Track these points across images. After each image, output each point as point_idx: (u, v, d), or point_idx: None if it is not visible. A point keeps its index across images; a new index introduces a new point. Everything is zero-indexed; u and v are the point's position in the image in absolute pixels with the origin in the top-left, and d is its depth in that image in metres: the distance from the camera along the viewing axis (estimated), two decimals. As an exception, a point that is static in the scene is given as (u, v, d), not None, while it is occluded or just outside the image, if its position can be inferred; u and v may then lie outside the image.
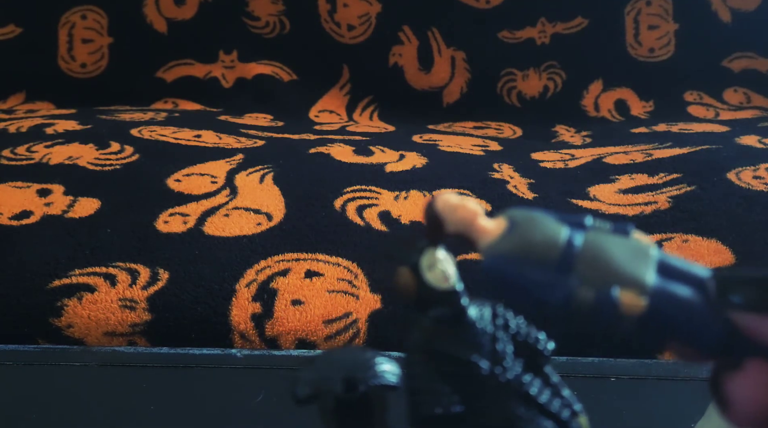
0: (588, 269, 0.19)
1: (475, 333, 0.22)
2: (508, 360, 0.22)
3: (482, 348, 0.22)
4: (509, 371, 0.22)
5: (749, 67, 1.19)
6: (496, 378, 0.22)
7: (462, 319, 0.22)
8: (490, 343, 0.22)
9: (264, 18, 1.18)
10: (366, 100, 1.17)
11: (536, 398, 0.22)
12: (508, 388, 0.22)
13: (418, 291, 0.22)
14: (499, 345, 0.22)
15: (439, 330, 0.22)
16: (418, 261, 0.22)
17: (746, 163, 0.77)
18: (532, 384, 0.22)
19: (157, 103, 1.14)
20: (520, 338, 0.23)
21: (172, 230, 0.61)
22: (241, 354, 0.48)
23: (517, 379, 0.22)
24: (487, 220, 0.21)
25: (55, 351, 0.50)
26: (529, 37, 1.19)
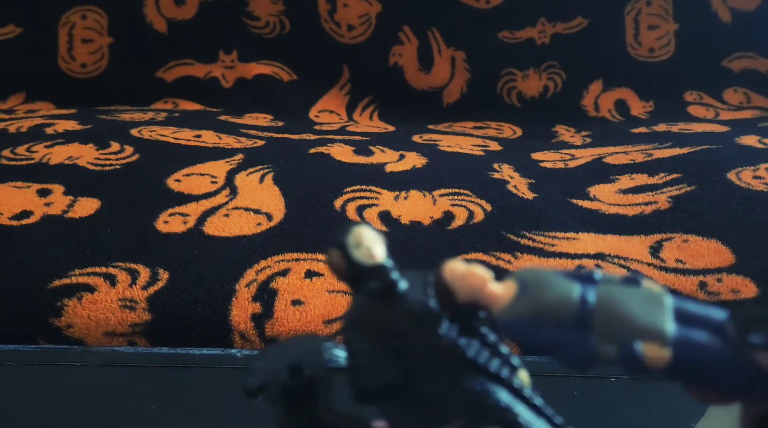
0: (606, 325, 0.19)
1: (408, 304, 0.23)
2: (443, 326, 0.22)
3: (416, 318, 0.22)
4: (446, 337, 0.22)
5: (749, 67, 1.19)
6: (433, 344, 0.22)
7: (393, 292, 0.23)
8: (424, 312, 0.22)
9: (264, 18, 1.18)
10: (366, 100, 1.17)
11: (475, 359, 0.22)
12: (446, 353, 0.22)
13: (348, 270, 0.23)
14: (434, 313, 0.23)
15: (373, 305, 0.23)
16: (345, 241, 0.23)
17: (746, 163, 0.77)
18: (469, 347, 0.22)
19: (157, 103, 1.14)
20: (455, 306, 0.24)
21: (172, 230, 0.61)
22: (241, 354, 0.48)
23: (453, 343, 0.22)
24: (497, 285, 0.21)
25: (55, 351, 0.50)
26: (529, 37, 1.19)
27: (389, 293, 0.23)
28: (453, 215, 0.66)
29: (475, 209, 0.68)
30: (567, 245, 0.61)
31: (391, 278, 0.23)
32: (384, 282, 0.23)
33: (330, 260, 0.23)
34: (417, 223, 0.65)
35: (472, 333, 0.23)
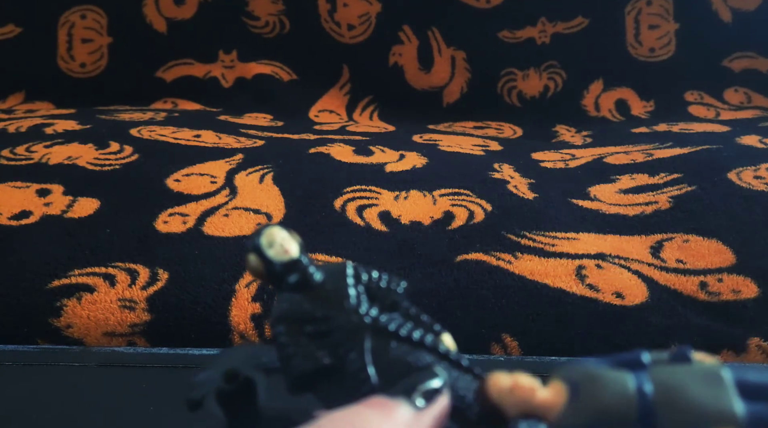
0: (672, 417, 0.18)
1: (327, 292, 0.24)
2: (364, 307, 0.24)
3: (336, 303, 0.24)
4: (367, 316, 0.24)
5: (750, 67, 1.19)
6: (356, 325, 0.23)
7: (311, 282, 0.24)
8: (342, 297, 0.24)
9: (264, 18, 1.18)
10: (366, 100, 1.17)
11: (398, 332, 0.23)
12: (369, 331, 0.23)
13: (266, 270, 0.24)
14: (352, 296, 0.24)
15: (294, 298, 0.24)
16: (258, 243, 0.24)
17: (747, 163, 0.77)
18: (391, 321, 0.24)
19: (156, 103, 1.14)
20: (373, 285, 0.25)
21: (171, 230, 0.61)
22: (241, 354, 0.48)
23: (375, 321, 0.23)
24: (546, 391, 0.20)
25: (55, 351, 0.49)
26: (530, 36, 1.19)
27: (308, 284, 0.24)
28: (453, 215, 0.66)
29: (475, 209, 0.68)
30: (567, 245, 0.61)
31: (308, 270, 0.25)
32: (301, 275, 0.24)
33: (249, 264, 0.24)
34: (417, 223, 0.65)
35: (395, 310, 0.25)
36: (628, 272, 0.57)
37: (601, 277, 0.56)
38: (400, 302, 0.25)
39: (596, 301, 0.53)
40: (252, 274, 0.25)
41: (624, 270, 0.57)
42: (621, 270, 0.57)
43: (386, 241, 0.61)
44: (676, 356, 0.20)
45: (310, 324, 0.24)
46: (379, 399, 0.22)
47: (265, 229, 0.24)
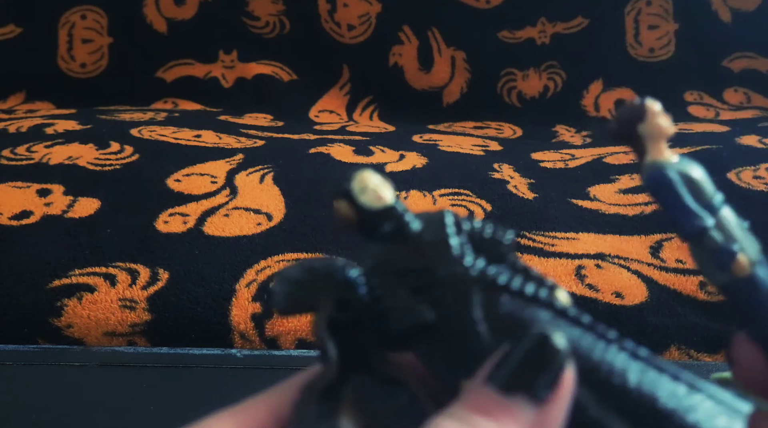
0: (725, 223, 0.21)
1: (425, 242, 0.22)
2: (468, 258, 0.21)
3: (437, 253, 0.21)
4: (472, 268, 0.21)
5: (749, 67, 1.19)
6: (461, 277, 0.21)
7: (408, 232, 0.22)
8: (444, 248, 0.21)
9: (264, 18, 1.18)
10: (366, 100, 1.17)
11: (509, 285, 0.21)
12: (475, 284, 0.21)
13: (358, 218, 0.22)
14: (455, 246, 0.21)
15: (389, 249, 0.22)
16: (350, 188, 0.22)
17: (746, 163, 0.77)
18: (500, 274, 0.21)
19: (157, 103, 1.14)
20: (476, 235, 0.22)
21: (172, 230, 0.61)
22: (241, 354, 0.48)
23: (483, 273, 0.21)
24: (666, 146, 0.23)
25: (55, 351, 0.50)
26: (529, 37, 1.19)
27: (404, 234, 0.22)
28: (453, 215, 0.66)
29: (475, 209, 0.68)
30: (567, 245, 0.61)
31: (404, 218, 0.22)
32: (397, 223, 0.22)
33: (337, 211, 0.22)
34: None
35: (500, 262, 0.22)
36: (627, 272, 0.57)
37: (601, 277, 0.56)
38: (506, 255, 0.22)
39: (596, 301, 0.53)
40: (340, 223, 0.22)
41: (623, 270, 0.57)
42: (620, 270, 0.57)
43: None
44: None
45: (408, 278, 0.21)
46: (489, 399, 0.17)
47: (356, 174, 0.22)
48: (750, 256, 0.21)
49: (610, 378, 0.19)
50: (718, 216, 0.21)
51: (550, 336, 0.17)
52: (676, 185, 0.22)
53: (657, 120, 0.22)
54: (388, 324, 0.21)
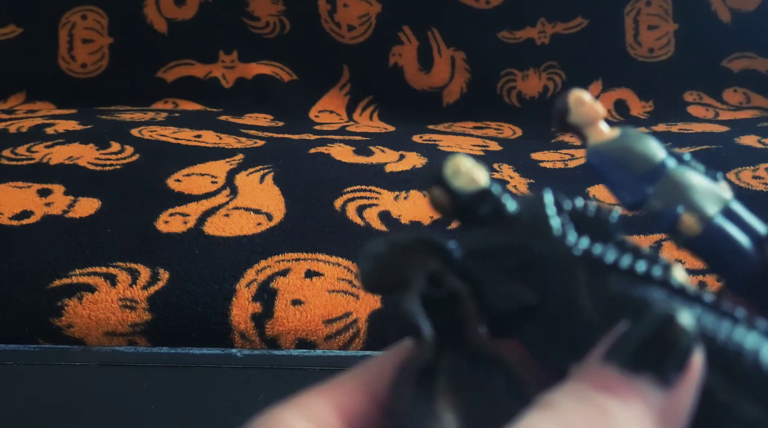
0: (665, 188, 0.22)
1: (525, 224, 0.20)
2: (571, 237, 0.20)
3: (537, 235, 0.20)
4: (575, 247, 0.19)
5: (749, 67, 1.19)
6: (564, 256, 0.19)
7: (505, 214, 0.21)
8: (544, 227, 0.20)
9: (264, 18, 1.18)
10: (366, 100, 1.18)
11: (617, 264, 0.19)
12: (580, 264, 0.19)
13: (452, 202, 0.21)
14: (556, 226, 0.20)
15: (485, 231, 0.21)
16: (442, 173, 0.21)
17: (746, 163, 0.77)
18: (606, 252, 0.19)
19: (157, 104, 1.14)
20: (579, 215, 0.21)
21: (172, 230, 0.61)
22: (241, 354, 0.48)
23: (587, 253, 0.19)
24: (605, 125, 0.23)
25: (55, 351, 0.50)
26: (529, 37, 1.19)
27: (502, 216, 0.21)
28: (453, 215, 0.66)
29: (475, 209, 0.68)
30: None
31: (501, 200, 0.21)
32: (494, 206, 0.21)
33: (432, 198, 0.21)
34: (417, 223, 0.65)
35: (607, 240, 0.20)
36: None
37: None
38: (613, 234, 0.20)
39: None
40: (435, 209, 0.21)
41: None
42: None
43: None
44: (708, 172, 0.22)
45: (507, 258, 0.20)
46: (612, 376, 0.15)
47: (449, 158, 0.21)
48: (700, 212, 0.21)
49: (739, 359, 0.17)
50: (661, 181, 0.22)
51: (677, 314, 0.16)
52: (607, 164, 0.22)
53: (582, 109, 0.23)
54: (487, 306, 0.20)
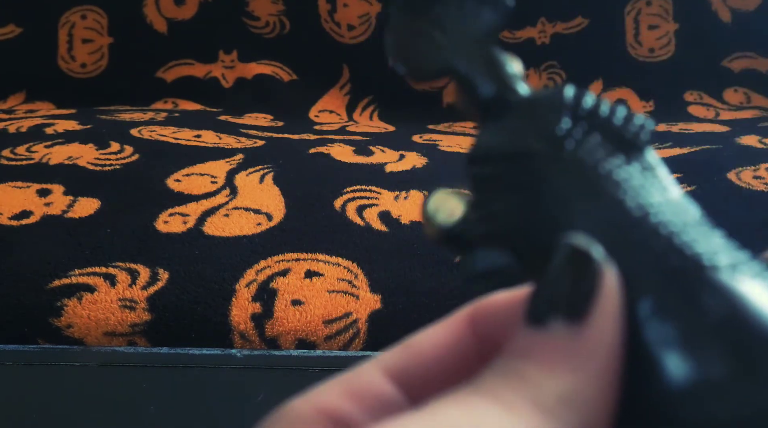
0: None
1: (531, 115, 0.17)
2: (578, 132, 0.16)
3: (539, 132, 0.17)
4: (581, 147, 0.16)
5: (749, 67, 1.19)
6: (562, 156, 0.16)
7: (513, 99, 0.18)
8: (550, 124, 0.17)
9: (264, 18, 1.18)
10: (366, 100, 1.17)
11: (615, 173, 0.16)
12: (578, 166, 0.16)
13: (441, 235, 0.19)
14: (563, 127, 0.16)
15: (494, 130, 0.18)
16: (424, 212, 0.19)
17: (746, 163, 0.77)
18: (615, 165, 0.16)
19: (157, 103, 1.14)
20: (602, 121, 0.17)
21: (172, 230, 0.61)
22: (241, 354, 0.48)
23: (592, 155, 0.16)
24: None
25: (55, 351, 0.50)
26: (529, 37, 1.19)
27: (509, 102, 0.18)
28: (453, 215, 0.66)
29: (475, 209, 0.68)
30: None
31: (510, 82, 0.18)
32: (500, 87, 0.18)
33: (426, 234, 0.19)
34: (417, 223, 0.65)
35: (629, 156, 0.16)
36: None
37: (601, 277, 0.56)
38: (642, 149, 0.16)
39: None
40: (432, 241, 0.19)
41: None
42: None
43: (386, 241, 0.61)
44: None
45: (505, 167, 0.17)
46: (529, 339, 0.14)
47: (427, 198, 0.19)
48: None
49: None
50: None
51: (578, 245, 0.14)
52: None
53: None
54: (461, 262, 0.18)
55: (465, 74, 0.19)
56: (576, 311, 0.14)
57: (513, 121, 0.17)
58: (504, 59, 0.18)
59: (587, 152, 0.16)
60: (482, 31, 0.19)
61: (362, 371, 0.17)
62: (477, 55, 0.18)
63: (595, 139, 0.16)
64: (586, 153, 0.16)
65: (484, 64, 0.18)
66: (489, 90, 0.18)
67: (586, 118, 0.17)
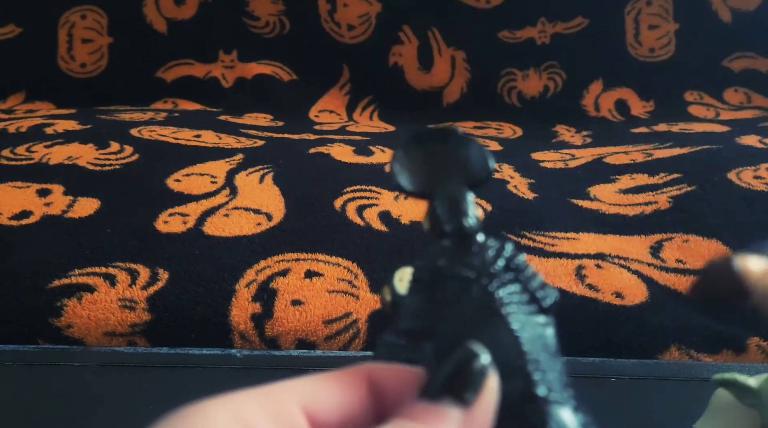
0: None
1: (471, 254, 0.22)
2: (506, 276, 0.22)
3: (483, 266, 0.22)
4: (503, 288, 0.22)
5: (749, 67, 1.19)
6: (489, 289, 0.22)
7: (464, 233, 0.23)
8: (492, 266, 0.22)
9: (264, 18, 1.18)
10: (366, 100, 1.17)
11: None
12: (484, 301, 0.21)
13: (393, 301, 0.24)
14: (499, 268, 0.22)
15: (443, 250, 0.23)
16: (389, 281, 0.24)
17: (746, 163, 0.77)
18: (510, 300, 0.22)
19: (156, 103, 1.14)
20: (523, 280, 0.23)
21: (171, 230, 0.61)
22: (241, 354, 0.48)
23: (509, 297, 0.22)
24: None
25: (55, 351, 0.50)
26: (529, 37, 1.19)
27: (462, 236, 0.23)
28: (453, 215, 0.66)
29: (475, 209, 0.67)
30: (567, 245, 0.61)
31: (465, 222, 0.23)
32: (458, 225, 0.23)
33: (382, 298, 0.24)
34: (417, 223, 0.65)
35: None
36: (627, 272, 0.57)
37: (601, 277, 0.56)
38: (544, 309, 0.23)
39: (596, 301, 0.53)
40: (382, 306, 0.24)
41: (624, 270, 0.57)
42: (621, 270, 0.57)
43: (386, 241, 0.61)
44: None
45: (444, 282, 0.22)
46: (421, 408, 0.19)
47: (395, 272, 0.24)
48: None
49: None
50: None
51: (474, 350, 0.19)
52: None
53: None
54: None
55: (435, 207, 0.23)
56: (466, 399, 0.19)
57: (461, 251, 0.22)
58: (469, 205, 0.23)
59: (506, 293, 0.22)
60: (463, 177, 0.24)
61: (279, 394, 0.19)
62: (451, 193, 0.23)
63: (515, 287, 0.22)
64: (505, 293, 0.22)
65: (453, 204, 0.23)
66: (450, 226, 0.23)
67: (514, 270, 0.22)
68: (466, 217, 0.23)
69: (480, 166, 0.24)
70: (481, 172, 0.24)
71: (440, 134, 0.24)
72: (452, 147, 0.24)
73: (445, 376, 0.19)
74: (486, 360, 0.19)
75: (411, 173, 0.24)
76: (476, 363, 0.19)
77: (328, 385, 0.20)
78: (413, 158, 0.24)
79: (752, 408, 0.31)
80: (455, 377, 0.19)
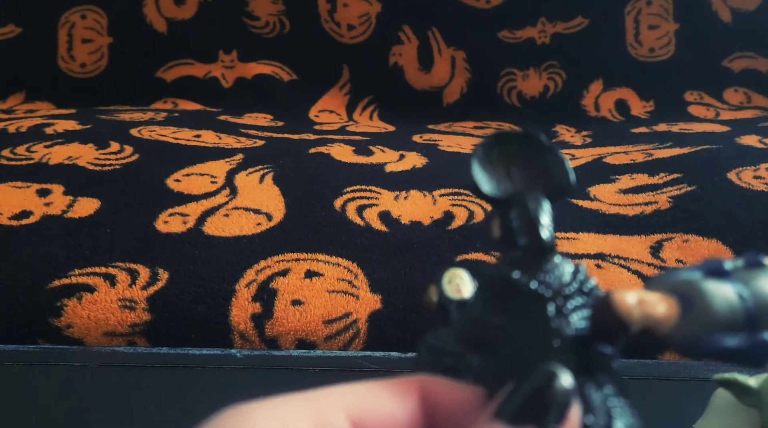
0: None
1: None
2: (573, 315, 0.20)
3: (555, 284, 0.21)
4: (570, 324, 0.20)
5: (749, 67, 1.19)
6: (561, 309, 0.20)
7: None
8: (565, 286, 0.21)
9: (264, 18, 1.18)
10: (366, 100, 1.17)
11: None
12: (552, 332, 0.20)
13: (439, 303, 0.22)
14: (569, 290, 0.21)
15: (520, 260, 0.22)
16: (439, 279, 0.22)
17: (746, 163, 0.77)
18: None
19: (156, 103, 1.14)
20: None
21: (171, 230, 0.61)
22: (241, 354, 0.48)
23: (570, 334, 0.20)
24: (660, 305, 0.20)
25: (55, 351, 0.50)
26: (529, 36, 1.19)
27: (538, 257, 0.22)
28: (453, 215, 0.66)
29: (475, 209, 0.68)
30: (567, 245, 0.61)
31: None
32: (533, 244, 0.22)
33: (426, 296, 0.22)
34: (417, 223, 0.65)
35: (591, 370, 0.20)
36: (627, 272, 0.57)
37: (601, 277, 0.56)
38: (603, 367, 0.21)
39: (596, 301, 0.53)
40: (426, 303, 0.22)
41: (624, 270, 0.57)
42: (621, 270, 0.57)
43: (386, 241, 0.61)
44: (749, 262, 0.20)
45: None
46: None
47: (447, 270, 0.22)
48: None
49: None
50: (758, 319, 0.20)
51: (558, 373, 0.18)
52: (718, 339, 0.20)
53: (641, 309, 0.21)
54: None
55: (511, 216, 0.22)
56: (548, 422, 0.17)
57: (536, 266, 0.21)
58: (545, 219, 0.22)
59: (578, 318, 0.20)
60: (543, 188, 0.22)
61: (328, 405, 0.18)
62: (531, 204, 0.22)
63: (586, 312, 0.20)
64: (577, 318, 0.20)
65: (532, 215, 0.22)
66: (525, 239, 0.22)
67: (587, 294, 0.21)
68: (544, 231, 0.21)
69: (561, 178, 0.22)
70: (561, 184, 0.22)
71: (522, 138, 0.23)
72: (533, 154, 0.23)
73: (524, 398, 0.18)
74: (569, 384, 0.18)
75: (489, 175, 0.23)
76: (559, 386, 0.17)
77: (378, 395, 0.19)
78: (492, 159, 0.23)
79: (752, 408, 0.31)
80: (536, 400, 0.17)
